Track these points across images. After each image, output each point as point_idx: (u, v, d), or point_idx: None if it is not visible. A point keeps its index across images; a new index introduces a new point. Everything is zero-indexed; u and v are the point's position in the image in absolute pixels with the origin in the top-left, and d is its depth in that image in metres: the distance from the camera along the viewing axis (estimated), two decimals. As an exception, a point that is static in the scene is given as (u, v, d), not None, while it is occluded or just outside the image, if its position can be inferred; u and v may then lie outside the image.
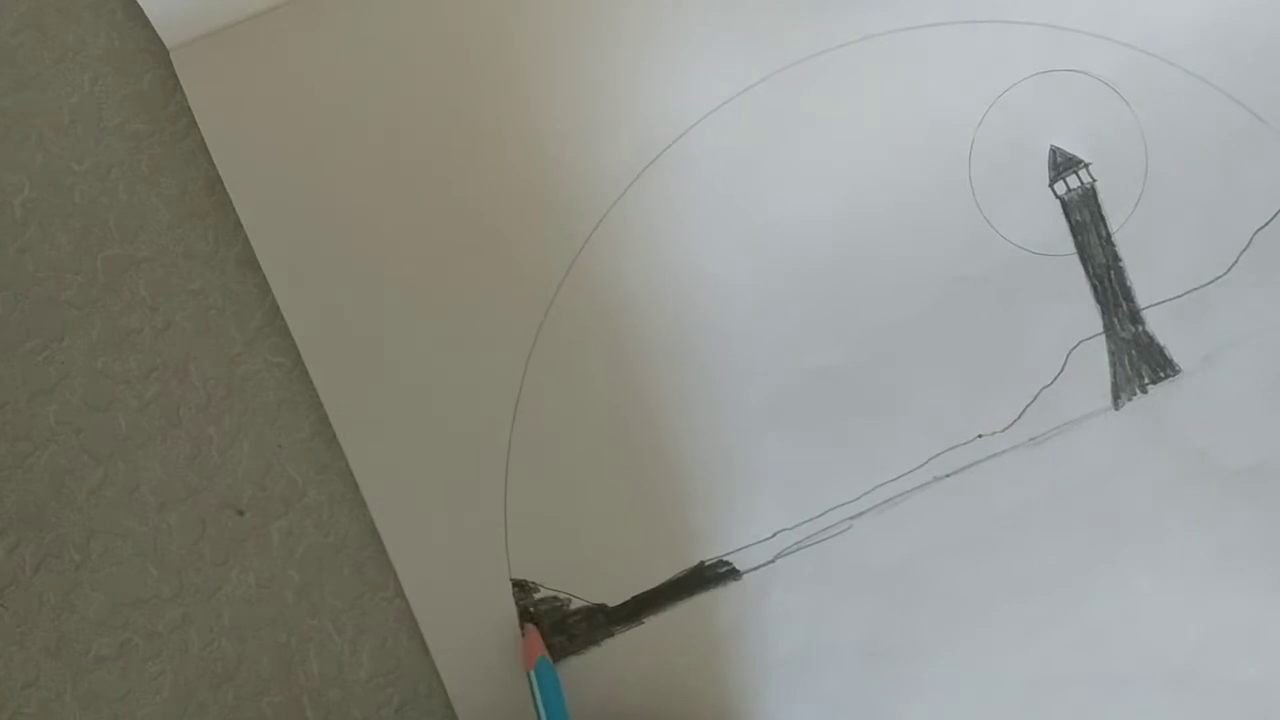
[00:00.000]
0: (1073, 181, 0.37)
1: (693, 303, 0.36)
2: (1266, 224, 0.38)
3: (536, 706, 0.34)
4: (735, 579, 0.36)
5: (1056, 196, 0.37)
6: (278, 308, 0.36)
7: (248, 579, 0.36)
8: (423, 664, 0.36)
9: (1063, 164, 0.37)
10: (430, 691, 0.36)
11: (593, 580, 0.36)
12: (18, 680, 0.35)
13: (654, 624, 0.36)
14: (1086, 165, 0.37)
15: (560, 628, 0.36)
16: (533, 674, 0.35)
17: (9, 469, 0.35)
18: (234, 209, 0.35)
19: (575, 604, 0.36)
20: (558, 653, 0.36)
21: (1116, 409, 0.37)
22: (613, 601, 0.36)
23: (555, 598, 0.36)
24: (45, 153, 0.35)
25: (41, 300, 0.36)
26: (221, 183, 0.35)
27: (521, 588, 0.36)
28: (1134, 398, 0.37)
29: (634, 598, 0.36)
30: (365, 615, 0.36)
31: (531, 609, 0.36)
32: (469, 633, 0.36)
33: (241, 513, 0.36)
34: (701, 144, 0.36)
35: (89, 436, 0.36)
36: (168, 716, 0.36)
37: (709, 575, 0.36)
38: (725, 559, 0.36)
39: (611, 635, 0.36)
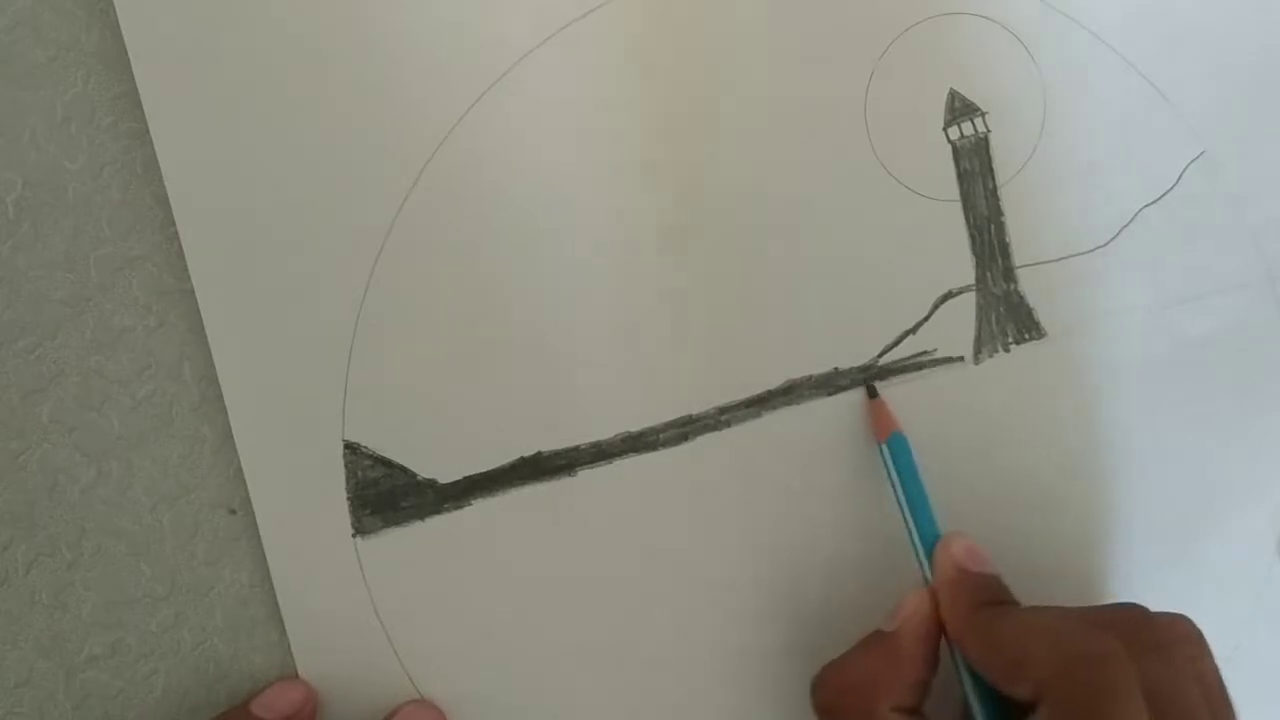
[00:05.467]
0: (967, 128, 0.37)
1: (556, 201, 0.36)
2: (1154, 201, 0.38)
3: (892, 481, 0.35)
4: (570, 474, 0.36)
5: (949, 141, 0.37)
6: (271, 306, 0.36)
7: (240, 578, 0.36)
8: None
9: (960, 109, 0.37)
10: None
11: (427, 455, 0.36)
12: (10, 679, 0.35)
13: (482, 507, 0.36)
14: (983, 114, 0.37)
15: (386, 498, 0.36)
16: (884, 446, 0.35)
17: (1, 468, 0.35)
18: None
19: (405, 476, 0.36)
20: (381, 524, 0.36)
21: (976, 363, 0.37)
22: (444, 479, 0.36)
23: (386, 465, 0.36)
24: (38, 151, 0.35)
25: (34, 299, 0.35)
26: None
27: (353, 451, 0.36)
28: (995, 355, 0.37)
29: (466, 478, 0.36)
30: (358, 615, 0.36)
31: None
32: (296, 488, 0.35)
33: (234, 512, 0.36)
34: (582, 43, 0.36)
35: (82, 435, 0.36)
36: (160, 716, 0.36)
37: (545, 467, 0.36)
38: (564, 452, 0.36)
39: (438, 513, 0.36)
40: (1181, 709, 0.29)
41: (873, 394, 0.37)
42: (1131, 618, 0.31)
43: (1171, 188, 0.38)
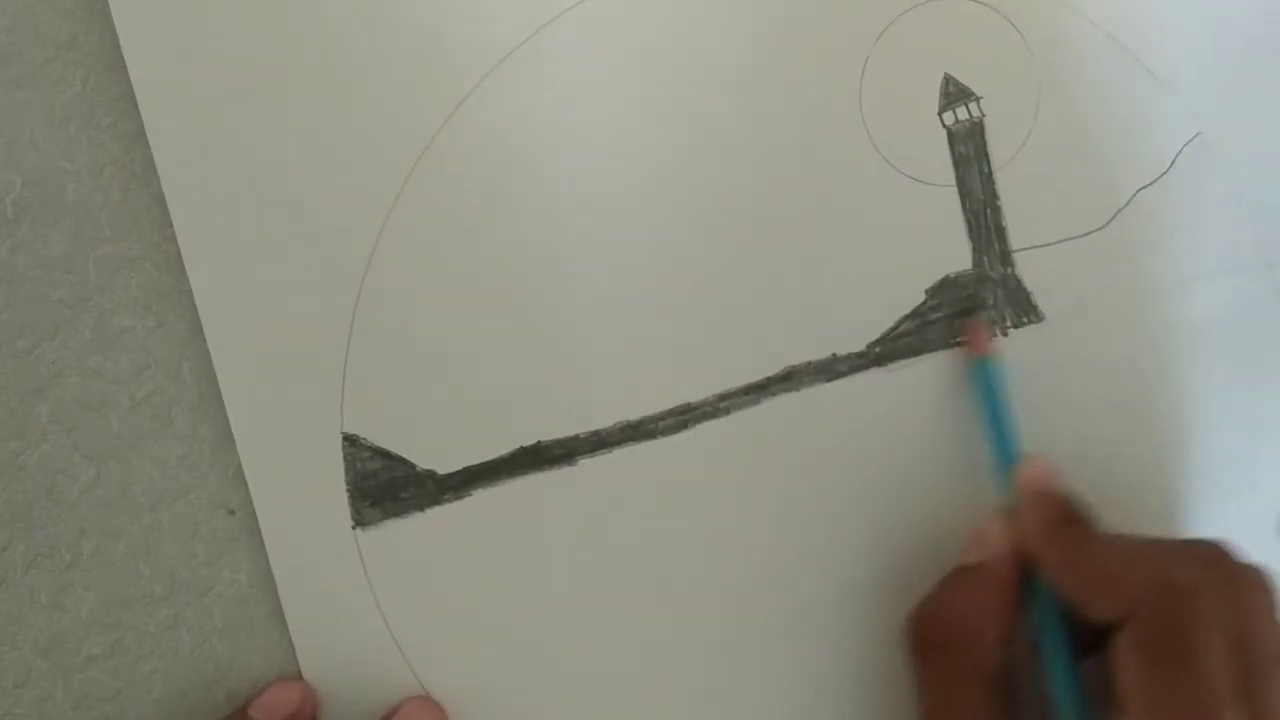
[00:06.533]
0: (962, 113, 0.37)
1: (557, 188, 0.36)
2: (1150, 184, 0.38)
3: (987, 399, 0.35)
4: (570, 464, 0.36)
5: (944, 125, 0.37)
6: (269, 304, 0.36)
7: (239, 578, 0.36)
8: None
9: (955, 94, 0.37)
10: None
11: (426, 446, 0.36)
12: (9, 680, 0.35)
13: (482, 497, 0.36)
14: (978, 99, 0.37)
15: (386, 490, 0.36)
16: (978, 365, 0.35)
17: (0, 468, 0.35)
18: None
19: (405, 467, 0.36)
20: (380, 515, 0.35)
21: None
22: (443, 470, 0.36)
23: (385, 457, 0.36)
24: (37, 151, 0.36)
25: (33, 299, 0.35)
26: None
27: (352, 442, 0.35)
28: (993, 338, 0.37)
29: (465, 468, 0.36)
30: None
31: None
32: (295, 482, 0.35)
33: (233, 512, 0.36)
34: (578, 32, 0.36)
35: (81, 435, 0.35)
36: (159, 717, 0.35)
37: (544, 456, 0.36)
38: (563, 441, 0.36)
39: (438, 504, 0.36)
40: (1255, 650, 0.29)
41: (973, 312, 0.37)
42: (1216, 554, 0.31)
43: (1167, 170, 0.38)
